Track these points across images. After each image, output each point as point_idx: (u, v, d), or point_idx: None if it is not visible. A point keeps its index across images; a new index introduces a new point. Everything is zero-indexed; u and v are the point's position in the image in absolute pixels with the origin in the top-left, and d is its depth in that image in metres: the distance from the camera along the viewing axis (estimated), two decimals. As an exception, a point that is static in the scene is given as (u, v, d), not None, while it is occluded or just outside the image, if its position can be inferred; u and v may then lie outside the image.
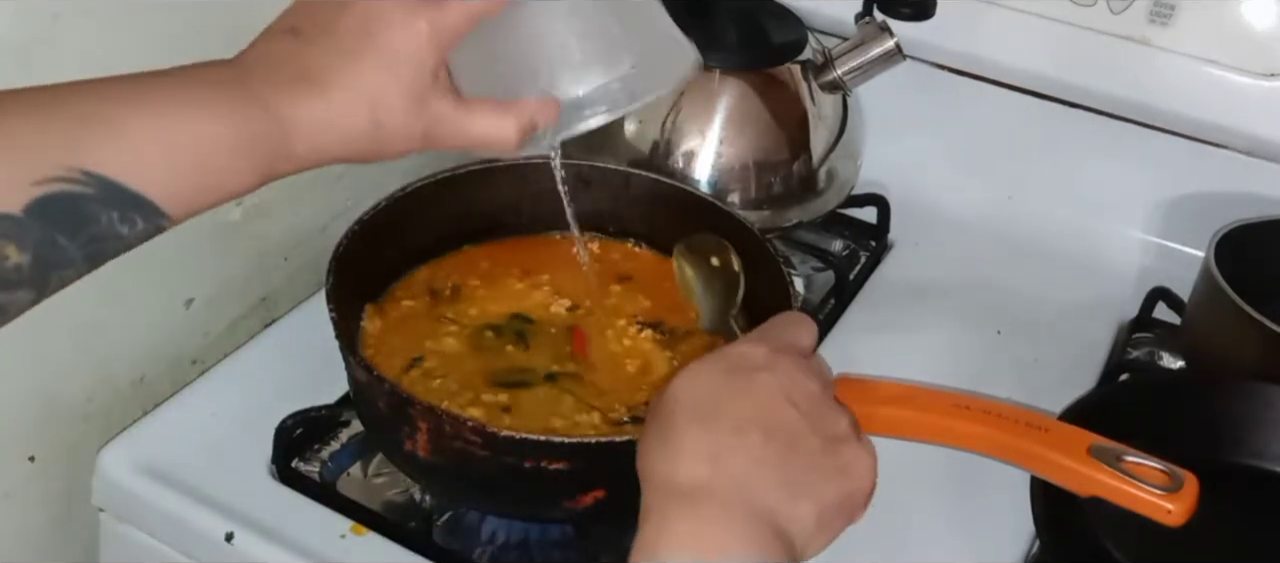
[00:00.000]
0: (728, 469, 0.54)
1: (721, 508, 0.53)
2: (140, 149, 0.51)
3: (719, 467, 0.54)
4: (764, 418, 0.56)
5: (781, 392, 0.57)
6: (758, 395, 0.57)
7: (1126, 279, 0.98)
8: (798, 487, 0.55)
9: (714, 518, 0.52)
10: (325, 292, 0.70)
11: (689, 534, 0.52)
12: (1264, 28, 0.94)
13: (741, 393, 0.57)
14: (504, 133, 0.59)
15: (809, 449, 0.56)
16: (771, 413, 0.56)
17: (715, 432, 0.55)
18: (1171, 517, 0.57)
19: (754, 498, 0.53)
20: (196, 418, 0.78)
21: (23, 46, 0.64)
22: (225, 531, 0.70)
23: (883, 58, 0.90)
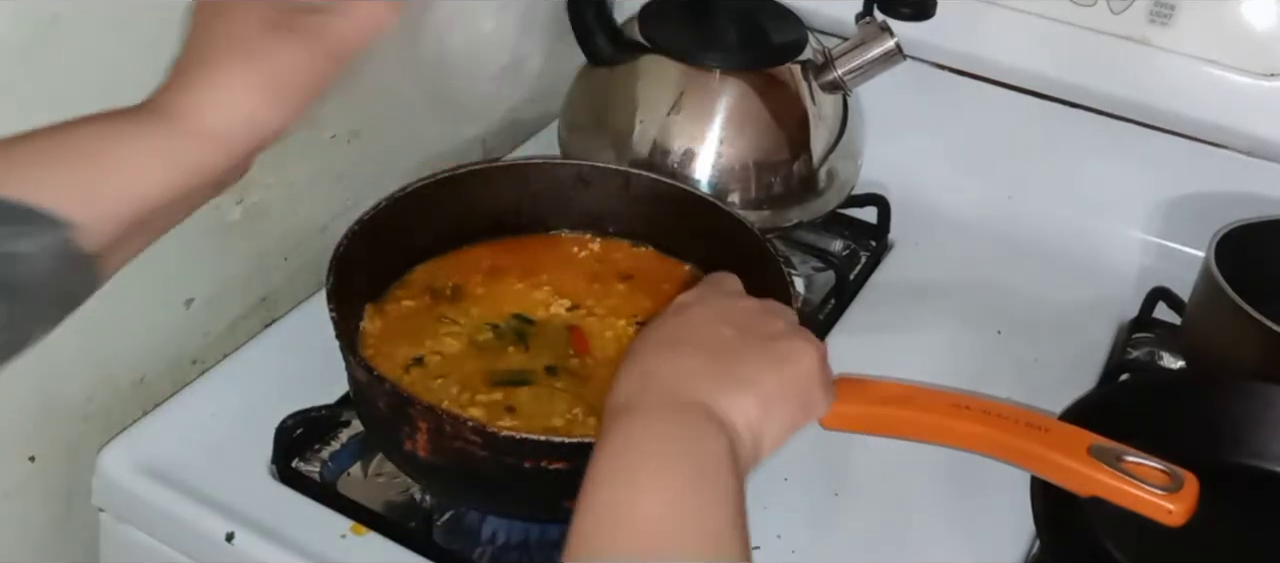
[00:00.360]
0: (659, 380, 0.56)
1: (652, 411, 0.54)
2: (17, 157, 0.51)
3: (650, 380, 0.56)
4: (695, 336, 0.59)
5: (712, 315, 0.61)
6: (688, 321, 0.61)
7: (1126, 279, 0.98)
8: (732, 379, 0.56)
9: (645, 422, 0.54)
10: (325, 292, 0.70)
11: (621, 438, 0.53)
12: (1264, 28, 0.94)
13: (673, 325, 0.61)
14: None
15: (742, 349, 0.59)
16: (702, 331, 0.60)
17: (648, 356, 0.58)
18: (1171, 517, 0.57)
19: (685, 397, 0.55)
20: (196, 418, 0.78)
21: (23, 47, 0.64)
22: (225, 531, 0.70)
23: (883, 58, 0.90)
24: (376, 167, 0.92)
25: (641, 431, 0.53)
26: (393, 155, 0.94)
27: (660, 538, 0.49)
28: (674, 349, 0.59)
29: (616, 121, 0.93)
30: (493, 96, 1.06)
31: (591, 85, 0.96)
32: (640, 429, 0.53)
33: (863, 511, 0.76)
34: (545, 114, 1.09)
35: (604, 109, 0.94)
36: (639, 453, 0.52)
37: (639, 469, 0.51)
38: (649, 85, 0.92)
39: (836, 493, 0.77)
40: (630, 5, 0.97)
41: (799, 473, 0.77)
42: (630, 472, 0.51)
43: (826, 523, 0.75)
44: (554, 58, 1.05)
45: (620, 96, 0.93)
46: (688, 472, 0.52)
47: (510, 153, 1.06)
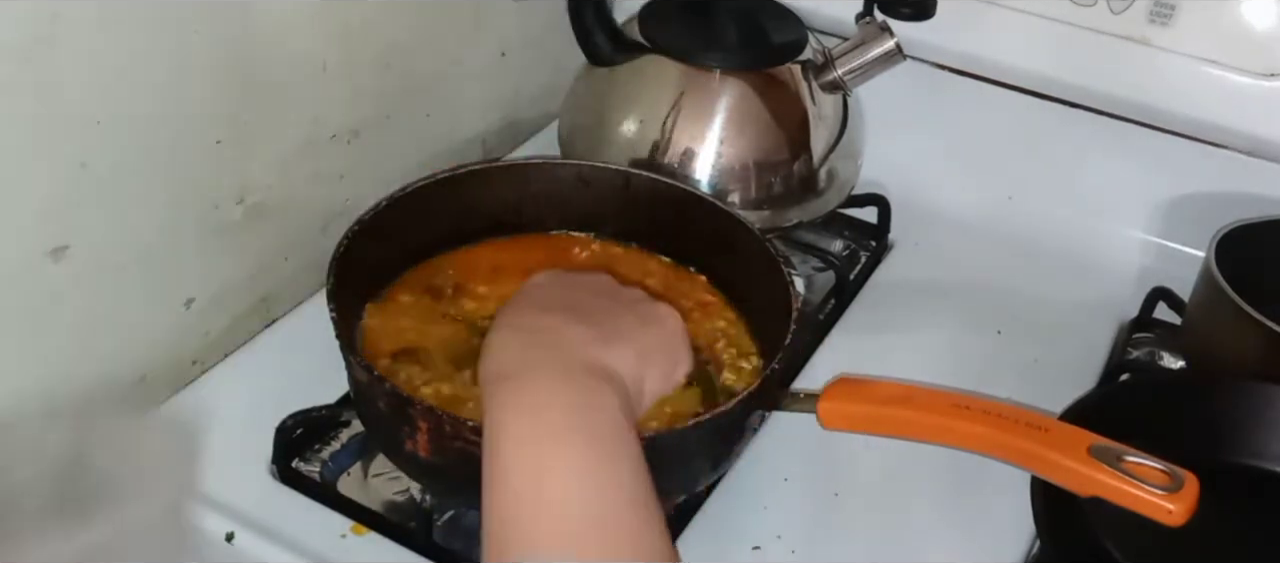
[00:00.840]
0: (538, 344, 0.57)
1: (541, 371, 0.55)
2: None
3: (530, 345, 0.57)
4: (563, 302, 0.61)
5: (572, 284, 0.64)
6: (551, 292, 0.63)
7: (1126, 279, 0.98)
8: (609, 335, 0.58)
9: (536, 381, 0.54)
10: (325, 292, 0.70)
11: (516, 397, 0.53)
12: (1264, 28, 0.94)
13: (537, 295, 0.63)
14: None
15: (612, 311, 0.61)
16: (569, 297, 0.62)
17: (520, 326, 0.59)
18: (1171, 517, 0.58)
19: (568, 356, 0.56)
20: (196, 418, 0.78)
21: (23, 47, 0.64)
22: (225, 531, 0.70)
23: (883, 58, 0.90)
24: (376, 167, 0.92)
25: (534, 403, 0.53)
26: (393, 155, 0.94)
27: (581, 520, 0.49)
28: (547, 313, 0.60)
29: (616, 121, 0.93)
30: (492, 96, 1.06)
31: (591, 85, 0.96)
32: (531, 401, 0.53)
33: (863, 511, 0.76)
34: (545, 114, 1.09)
35: (604, 109, 0.94)
36: (543, 426, 0.52)
37: (548, 448, 0.51)
38: (649, 85, 0.92)
39: (836, 493, 0.77)
40: (630, 5, 0.97)
41: (799, 473, 0.77)
42: (534, 458, 0.51)
43: (826, 523, 0.75)
44: (554, 58, 1.05)
45: (620, 96, 0.93)
46: (593, 441, 0.52)
47: (510, 153, 1.06)
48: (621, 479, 0.51)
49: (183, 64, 0.74)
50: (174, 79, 0.74)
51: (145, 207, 0.76)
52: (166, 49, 0.73)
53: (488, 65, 1.03)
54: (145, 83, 0.72)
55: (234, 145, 0.80)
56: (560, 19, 0.92)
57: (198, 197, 0.80)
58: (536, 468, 0.50)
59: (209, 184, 0.80)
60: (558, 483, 0.50)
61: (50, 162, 0.69)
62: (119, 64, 0.70)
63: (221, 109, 0.79)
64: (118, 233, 0.75)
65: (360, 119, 0.91)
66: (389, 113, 0.93)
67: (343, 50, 0.86)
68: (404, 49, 0.92)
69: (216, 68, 0.77)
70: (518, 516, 0.50)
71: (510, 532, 0.49)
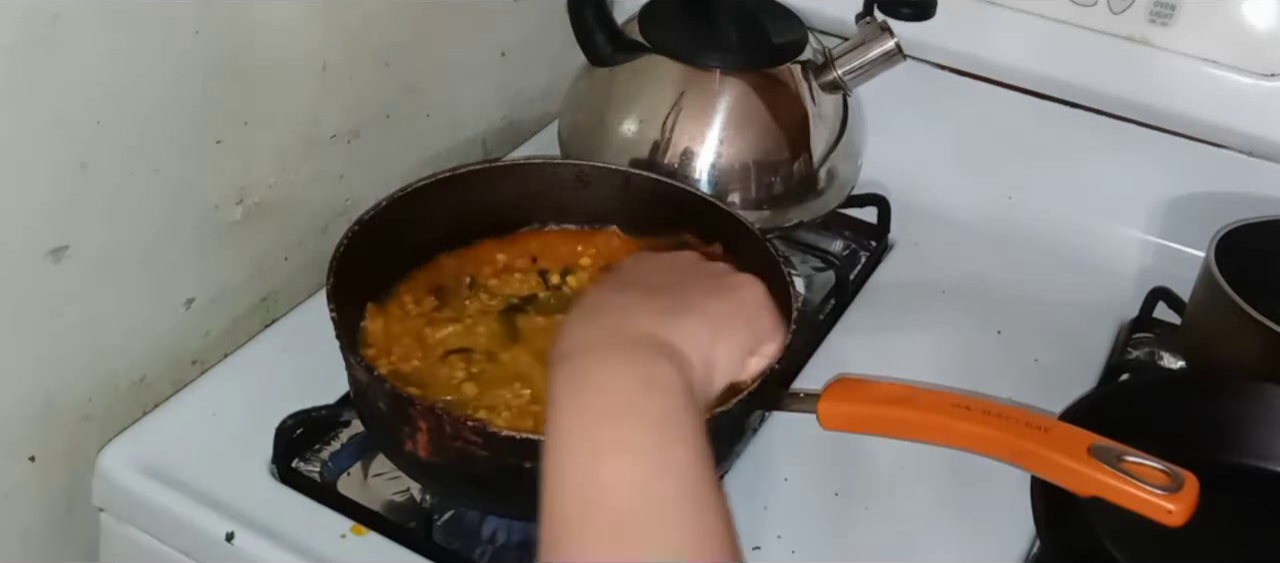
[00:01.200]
0: (601, 321, 0.55)
1: (599, 349, 0.53)
2: None
3: (595, 323, 0.55)
4: (639, 280, 0.60)
5: (653, 264, 0.63)
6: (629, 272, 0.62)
7: (1126, 279, 0.98)
8: (677, 309, 0.56)
9: (589, 359, 0.52)
10: (325, 291, 0.70)
11: (572, 378, 0.51)
12: (1264, 28, 0.94)
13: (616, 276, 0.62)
14: None
15: (688, 286, 0.59)
16: (647, 275, 0.61)
17: (590, 306, 0.57)
18: (1171, 517, 0.57)
19: (628, 331, 0.54)
20: (196, 418, 0.78)
21: (23, 47, 0.64)
22: (225, 531, 0.70)
23: (883, 58, 0.90)
24: (376, 167, 0.92)
25: (592, 382, 0.51)
26: (393, 155, 0.94)
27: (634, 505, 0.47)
28: (617, 293, 0.59)
29: (616, 121, 0.93)
30: (493, 96, 1.06)
31: (591, 85, 0.96)
32: (590, 379, 0.51)
33: (863, 511, 0.76)
34: (545, 114, 1.09)
35: (604, 109, 0.94)
36: (597, 410, 0.50)
37: (599, 436, 0.49)
38: (649, 85, 0.92)
39: (836, 493, 0.77)
40: (630, 5, 0.97)
41: (799, 473, 0.77)
42: (590, 440, 0.49)
43: (826, 523, 0.75)
44: (554, 58, 1.05)
45: (620, 96, 0.93)
46: (649, 423, 0.50)
47: (510, 153, 1.06)
48: (677, 464, 0.49)
49: (183, 64, 0.74)
50: (174, 79, 0.74)
51: (145, 207, 0.76)
52: (166, 49, 0.73)
53: (488, 65, 1.03)
54: (145, 83, 0.72)
55: (234, 145, 0.80)
56: (560, 19, 0.92)
57: (198, 197, 0.80)
58: (592, 450, 0.49)
59: (209, 184, 0.80)
60: (610, 467, 0.48)
61: (50, 162, 0.69)
62: (119, 64, 0.70)
63: (221, 109, 0.79)
64: (118, 233, 0.75)
65: (360, 119, 0.91)
66: (389, 113, 0.93)
67: (343, 50, 0.86)
68: (404, 49, 0.92)
69: (216, 68, 0.77)
70: (571, 501, 0.48)
71: (562, 526, 0.48)
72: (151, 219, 0.77)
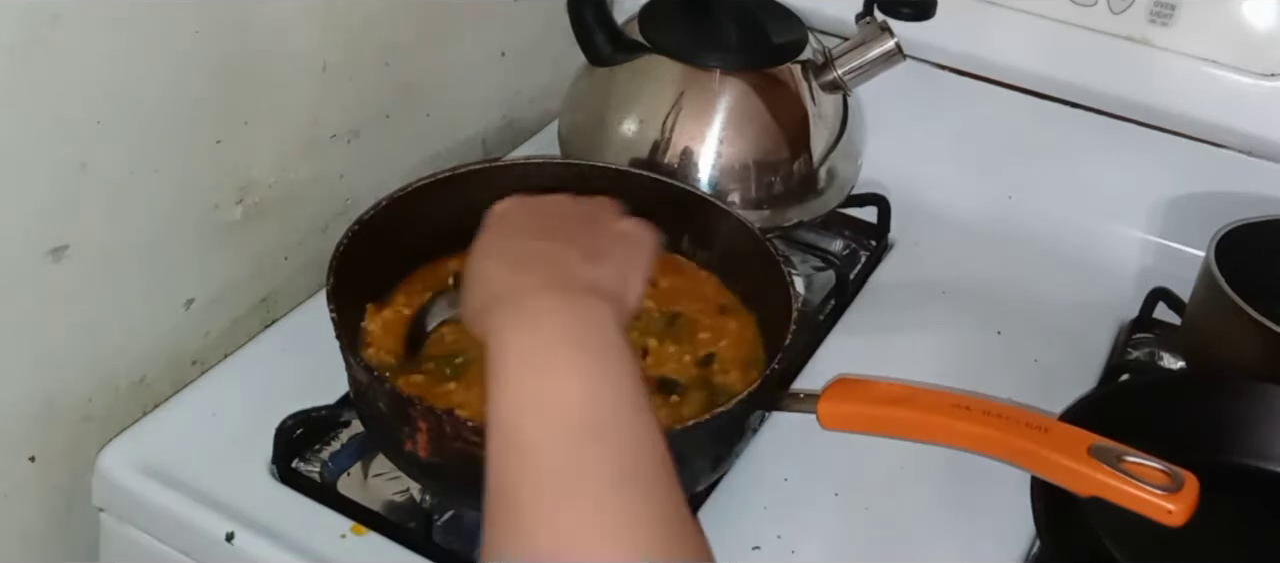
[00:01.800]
0: (530, 267, 0.58)
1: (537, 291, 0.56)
2: None
3: (522, 269, 0.58)
4: (540, 229, 0.63)
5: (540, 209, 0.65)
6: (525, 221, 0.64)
7: (1126, 279, 0.98)
8: (595, 254, 0.60)
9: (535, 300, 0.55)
10: (325, 291, 0.70)
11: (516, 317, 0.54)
12: (1264, 28, 0.94)
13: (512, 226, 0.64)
14: None
15: (589, 232, 0.62)
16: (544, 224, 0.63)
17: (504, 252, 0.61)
18: (1171, 517, 0.58)
19: (562, 275, 0.57)
20: (196, 418, 0.78)
21: (23, 47, 0.64)
22: (225, 531, 0.70)
23: (883, 58, 0.90)
24: (376, 167, 0.92)
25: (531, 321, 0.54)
26: (393, 155, 0.94)
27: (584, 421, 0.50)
28: (527, 238, 0.61)
29: (616, 121, 0.93)
30: (493, 96, 1.06)
31: (591, 85, 0.96)
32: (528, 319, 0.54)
33: (863, 511, 0.76)
34: (545, 114, 1.09)
35: (604, 109, 0.94)
36: (544, 338, 0.53)
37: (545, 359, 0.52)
38: (649, 85, 0.92)
39: (836, 493, 0.77)
40: (630, 5, 0.97)
41: (799, 473, 0.77)
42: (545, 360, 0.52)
43: (826, 523, 0.75)
44: (554, 58, 1.05)
45: (620, 96, 0.93)
46: (591, 351, 0.53)
47: (510, 153, 1.06)
48: (622, 386, 0.52)
49: (183, 64, 0.74)
50: (174, 79, 0.74)
51: (145, 207, 0.76)
52: (166, 49, 0.73)
53: (488, 65, 1.03)
54: (145, 83, 0.72)
55: (234, 145, 0.80)
56: (560, 19, 0.92)
57: (198, 197, 0.80)
58: (537, 377, 0.51)
59: (209, 184, 0.80)
60: (558, 389, 0.51)
61: (50, 162, 0.69)
62: (119, 64, 0.70)
63: (221, 109, 0.79)
64: (118, 233, 0.75)
65: (360, 119, 0.91)
66: (389, 113, 0.93)
67: (343, 50, 0.86)
68: (404, 49, 0.92)
69: (216, 68, 0.77)
70: (521, 426, 0.50)
71: (513, 441, 0.50)
72: (151, 219, 0.77)
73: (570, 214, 0.65)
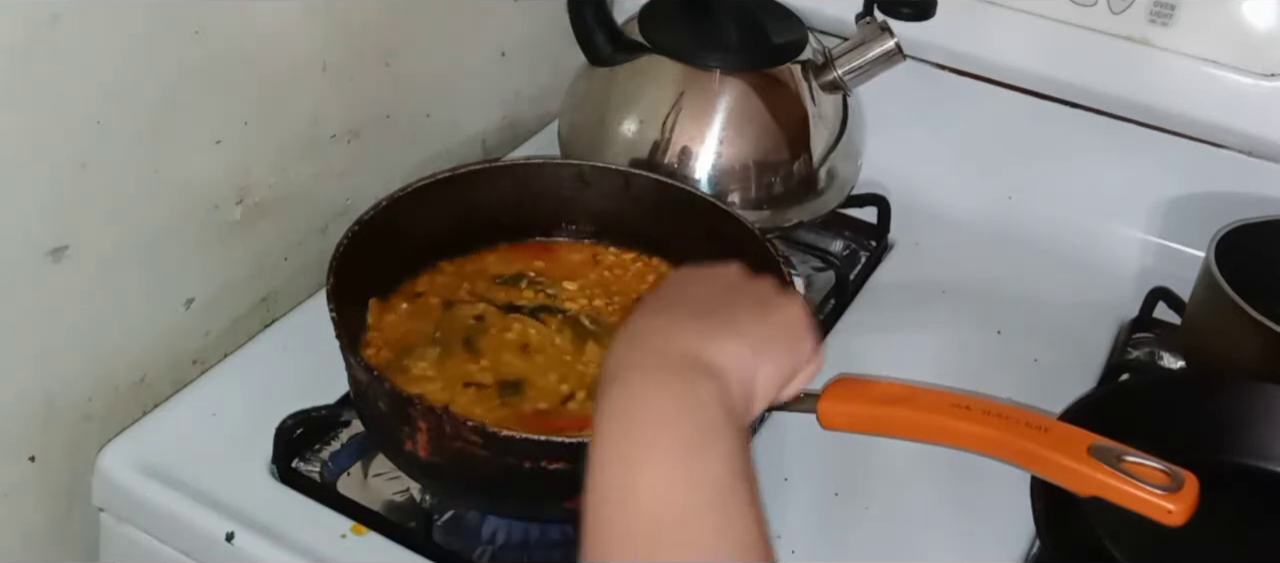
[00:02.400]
0: (646, 342, 0.56)
1: (640, 370, 0.54)
2: None
3: (638, 344, 0.56)
4: (684, 298, 0.60)
5: (695, 280, 0.62)
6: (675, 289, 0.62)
7: (1126, 279, 0.98)
8: (718, 329, 0.57)
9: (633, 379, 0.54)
10: (325, 291, 0.70)
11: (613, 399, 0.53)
12: (1264, 28, 0.94)
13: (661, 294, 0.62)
14: None
15: (732, 304, 0.60)
16: (692, 292, 0.61)
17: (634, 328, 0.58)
18: (1171, 517, 0.57)
19: (671, 351, 0.55)
20: (197, 418, 0.78)
21: (23, 47, 0.64)
22: (225, 531, 0.70)
23: (883, 58, 0.90)
24: (376, 167, 0.92)
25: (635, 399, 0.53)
26: (393, 155, 0.94)
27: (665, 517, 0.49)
28: (662, 311, 0.59)
29: (616, 121, 0.93)
30: (493, 96, 1.06)
31: (591, 85, 0.96)
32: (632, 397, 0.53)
33: (863, 510, 0.76)
34: (545, 114, 1.09)
35: (604, 109, 0.94)
36: (634, 425, 0.52)
37: (636, 445, 0.51)
38: (649, 85, 0.92)
39: (836, 493, 0.77)
40: (630, 5, 0.97)
41: (799, 473, 0.77)
42: (627, 452, 0.51)
43: (826, 523, 0.75)
44: (554, 58, 1.05)
45: (620, 96, 0.93)
46: (684, 438, 0.51)
47: (510, 153, 1.06)
48: (708, 474, 0.50)
49: (183, 64, 0.74)
50: (174, 79, 0.74)
51: (145, 207, 0.76)
52: (166, 49, 0.73)
53: (488, 65, 1.03)
54: (145, 83, 0.72)
55: (234, 145, 0.80)
56: (560, 19, 0.92)
57: (198, 197, 0.80)
58: (624, 467, 0.51)
59: (209, 184, 0.80)
60: (643, 482, 0.50)
61: (50, 162, 0.69)
62: (119, 64, 0.70)
63: (221, 109, 0.79)
64: (118, 233, 0.75)
65: (360, 119, 0.91)
66: (389, 113, 0.93)
67: (343, 50, 0.86)
68: (404, 49, 0.92)
69: (216, 68, 0.77)
70: (605, 517, 0.50)
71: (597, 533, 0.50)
72: (151, 219, 0.77)
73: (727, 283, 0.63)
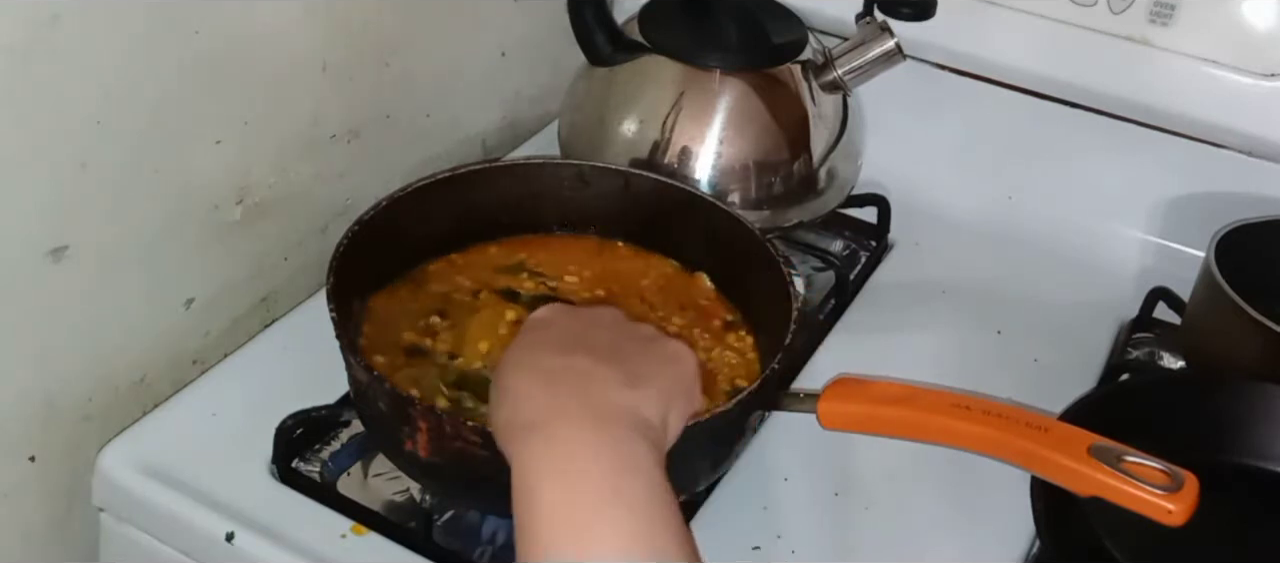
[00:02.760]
0: (565, 388, 0.55)
1: (572, 422, 0.53)
2: None
3: (556, 389, 0.55)
4: (581, 341, 0.60)
5: (587, 321, 0.63)
6: (566, 331, 0.62)
7: (1126, 279, 0.98)
8: (636, 378, 0.57)
9: (568, 434, 0.52)
10: (325, 291, 0.70)
11: (550, 457, 0.51)
12: (1264, 28, 0.94)
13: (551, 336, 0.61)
14: None
15: (632, 351, 0.60)
16: (586, 337, 0.60)
17: (541, 367, 0.57)
18: (1171, 517, 0.58)
19: (599, 401, 0.54)
20: (197, 418, 0.78)
21: (23, 47, 0.64)
22: (225, 531, 0.70)
23: (883, 58, 0.90)
24: (376, 167, 0.92)
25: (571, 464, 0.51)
26: (393, 155, 0.94)
27: None
28: (568, 355, 0.58)
29: (616, 121, 0.93)
30: (493, 96, 1.06)
31: (591, 85, 0.96)
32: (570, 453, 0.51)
33: (863, 510, 0.76)
34: (545, 114, 1.09)
35: (604, 109, 0.94)
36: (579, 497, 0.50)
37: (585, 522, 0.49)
38: (649, 85, 0.92)
39: (836, 493, 0.77)
40: (630, 5, 0.97)
41: (799, 473, 0.77)
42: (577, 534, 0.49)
43: (826, 523, 0.75)
44: (554, 58, 1.05)
45: (620, 96, 0.93)
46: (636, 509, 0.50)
47: (510, 153, 1.06)
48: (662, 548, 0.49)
49: (183, 64, 0.74)
50: (174, 79, 0.74)
51: (145, 207, 0.76)
52: (166, 49, 0.73)
53: (488, 65, 1.03)
54: (145, 83, 0.72)
55: (234, 145, 0.80)
56: (560, 19, 0.92)
57: (198, 197, 0.80)
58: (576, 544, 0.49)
59: (209, 184, 0.80)
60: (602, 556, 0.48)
61: (50, 162, 0.69)
62: (119, 64, 0.70)
63: (221, 109, 0.79)
64: (118, 233, 0.75)
65: (360, 119, 0.91)
66: (389, 113, 0.93)
67: (343, 50, 0.86)
68: (404, 49, 0.92)
69: (217, 68, 0.77)
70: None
71: None
72: (151, 219, 0.77)
73: (613, 326, 0.62)
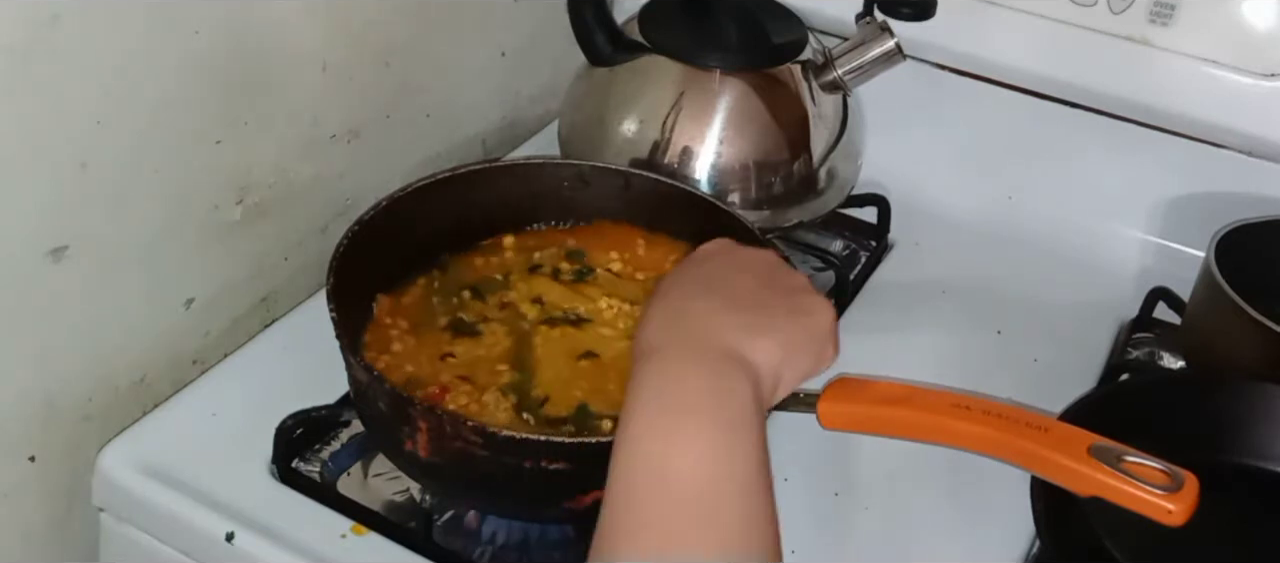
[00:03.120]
0: (688, 323, 0.59)
1: (680, 351, 0.57)
2: None
3: (680, 322, 0.59)
4: (721, 282, 0.63)
5: (735, 264, 0.65)
6: (713, 268, 0.64)
7: (1126, 279, 0.98)
8: (756, 327, 0.59)
9: (673, 359, 0.56)
10: (325, 291, 0.70)
11: (652, 375, 0.56)
12: (1264, 28, 0.94)
13: (698, 271, 0.64)
14: None
15: (765, 301, 0.62)
16: (728, 278, 0.63)
17: (676, 298, 0.61)
18: (1171, 517, 0.57)
19: (711, 340, 0.57)
20: (197, 418, 0.78)
21: (23, 47, 0.64)
22: (225, 531, 0.70)
23: (883, 58, 0.90)
24: (376, 167, 0.92)
25: (673, 379, 0.55)
26: (393, 155, 0.94)
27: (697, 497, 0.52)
28: (702, 294, 0.61)
29: (616, 121, 0.93)
30: (493, 96, 1.06)
31: (591, 85, 0.96)
32: (671, 376, 0.55)
33: (863, 511, 0.76)
34: (545, 114, 1.09)
35: (604, 109, 0.94)
36: (672, 406, 0.54)
37: (673, 426, 0.53)
38: (649, 85, 0.92)
39: (836, 493, 0.77)
40: (630, 5, 0.97)
41: (799, 473, 0.77)
42: (665, 429, 0.53)
43: (826, 523, 0.75)
44: (554, 58, 1.05)
45: (620, 96, 0.93)
46: (721, 424, 0.54)
47: (510, 153, 1.06)
48: (738, 465, 0.53)
49: (183, 64, 0.74)
50: (174, 79, 0.74)
51: (145, 207, 0.76)
52: (166, 49, 0.73)
53: (488, 65, 1.03)
54: (145, 83, 0.72)
55: (234, 145, 0.80)
56: (560, 19, 0.92)
57: (198, 197, 0.80)
58: (663, 443, 0.53)
59: (209, 184, 0.80)
60: (679, 460, 0.52)
61: (50, 162, 0.69)
62: (119, 64, 0.70)
63: (221, 109, 0.79)
64: (118, 233, 0.75)
65: (360, 119, 0.91)
66: (389, 113, 0.93)
67: (343, 50, 0.86)
68: (404, 49, 0.92)
69: (216, 68, 0.77)
70: (638, 482, 0.52)
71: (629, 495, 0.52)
72: (151, 219, 0.77)
73: (762, 274, 0.64)
